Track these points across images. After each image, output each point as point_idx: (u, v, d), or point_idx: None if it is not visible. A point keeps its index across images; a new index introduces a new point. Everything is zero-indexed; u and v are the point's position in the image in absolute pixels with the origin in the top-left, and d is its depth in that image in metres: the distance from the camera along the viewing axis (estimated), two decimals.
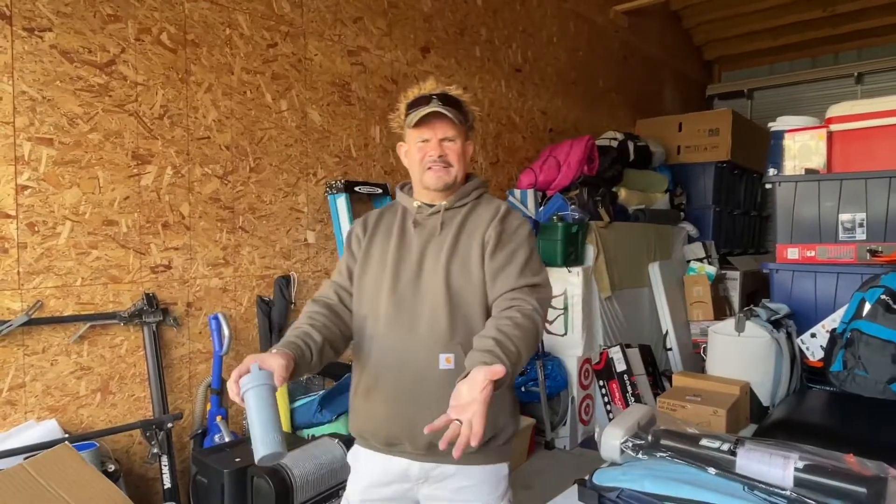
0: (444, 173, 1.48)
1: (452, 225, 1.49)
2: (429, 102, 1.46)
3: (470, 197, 1.53)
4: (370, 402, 1.49)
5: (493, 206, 1.53)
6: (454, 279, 1.43)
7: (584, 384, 3.77)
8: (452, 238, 1.47)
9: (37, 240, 2.23)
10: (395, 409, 1.44)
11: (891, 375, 2.26)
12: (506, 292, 1.40)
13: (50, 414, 2.27)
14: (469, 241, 1.47)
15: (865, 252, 2.77)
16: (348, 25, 3.28)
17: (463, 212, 1.52)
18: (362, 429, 1.53)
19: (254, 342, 2.89)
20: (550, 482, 3.15)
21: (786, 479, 1.36)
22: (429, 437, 1.33)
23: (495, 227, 1.46)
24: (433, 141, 1.47)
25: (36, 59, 2.20)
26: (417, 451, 1.44)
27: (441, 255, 1.45)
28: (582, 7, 5.22)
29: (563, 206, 3.92)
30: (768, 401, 2.71)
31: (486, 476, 1.47)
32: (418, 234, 1.50)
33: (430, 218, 1.51)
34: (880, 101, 2.88)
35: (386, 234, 1.55)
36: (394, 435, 1.45)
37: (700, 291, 4.61)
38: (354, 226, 1.63)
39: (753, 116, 6.86)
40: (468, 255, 1.45)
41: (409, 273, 1.47)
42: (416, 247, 1.49)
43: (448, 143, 1.48)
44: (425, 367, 1.42)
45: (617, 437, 1.57)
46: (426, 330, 1.42)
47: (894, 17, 6.08)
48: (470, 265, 1.45)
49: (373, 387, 1.48)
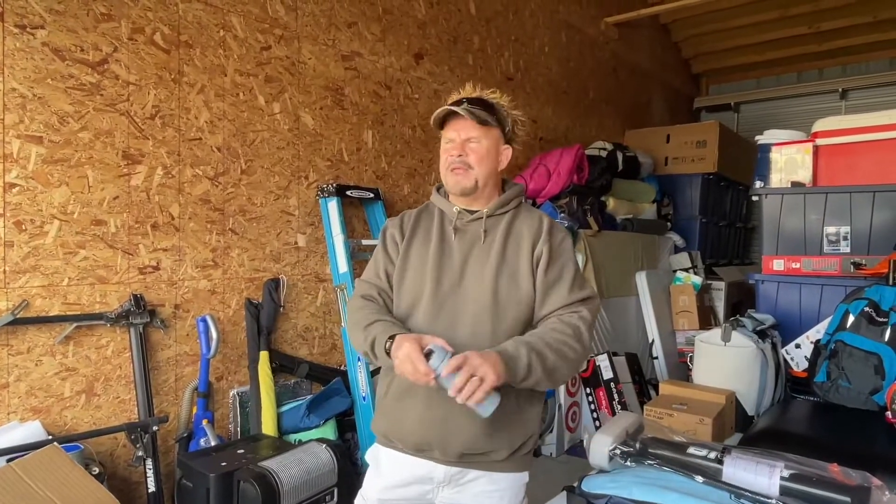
0: (462, 176, 1.46)
1: (496, 234, 1.48)
2: (459, 105, 1.46)
3: (510, 205, 1.53)
4: (402, 405, 1.47)
5: (536, 217, 1.53)
6: (502, 289, 1.42)
7: (571, 391, 3.78)
8: (499, 248, 1.46)
9: (24, 238, 2.20)
10: (430, 415, 1.42)
11: (873, 386, 2.31)
12: (558, 308, 1.43)
13: (34, 415, 2.23)
14: (517, 253, 1.46)
15: (849, 264, 2.82)
16: (342, 30, 3.28)
17: (505, 220, 1.50)
18: (390, 431, 1.50)
19: (241, 345, 2.87)
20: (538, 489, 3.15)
21: (771, 487, 1.38)
22: (460, 445, 1.39)
23: (546, 241, 1.47)
24: (457, 141, 1.46)
25: (27, 56, 2.18)
26: (447, 458, 1.43)
27: (488, 265, 1.44)
28: (574, 18, 5.27)
29: (552, 214, 3.94)
30: (753, 410, 2.75)
31: (510, 483, 1.48)
32: (459, 240, 1.49)
33: (472, 224, 1.50)
34: (865, 116, 2.94)
35: (425, 237, 1.52)
36: (425, 441, 1.44)
37: (686, 301, 4.66)
38: (389, 226, 1.60)
39: (740, 129, 6.96)
40: (517, 267, 1.45)
41: (451, 279, 1.45)
42: (457, 253, 1.48)
43: (472, 144, 1.46)
44: None
45: (606, 444, 1.59)
46: (467, 337, 1.41)
47: (878, 34, 6.21)
48: (519, 277, 1.44)
49: (407, 390, 1.45)
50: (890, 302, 2.38)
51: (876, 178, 2.82)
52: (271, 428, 2.70)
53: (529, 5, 4.73)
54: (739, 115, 7.40)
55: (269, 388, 2.76)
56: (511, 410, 1.42)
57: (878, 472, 1.44)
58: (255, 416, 2.75)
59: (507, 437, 1.43)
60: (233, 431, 2.81)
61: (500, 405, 1.37)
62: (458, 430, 1.40)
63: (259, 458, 2.26)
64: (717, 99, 7.66)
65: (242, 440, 2.62)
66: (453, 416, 1.39)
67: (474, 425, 1.39)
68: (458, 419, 1.39)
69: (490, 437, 1.41)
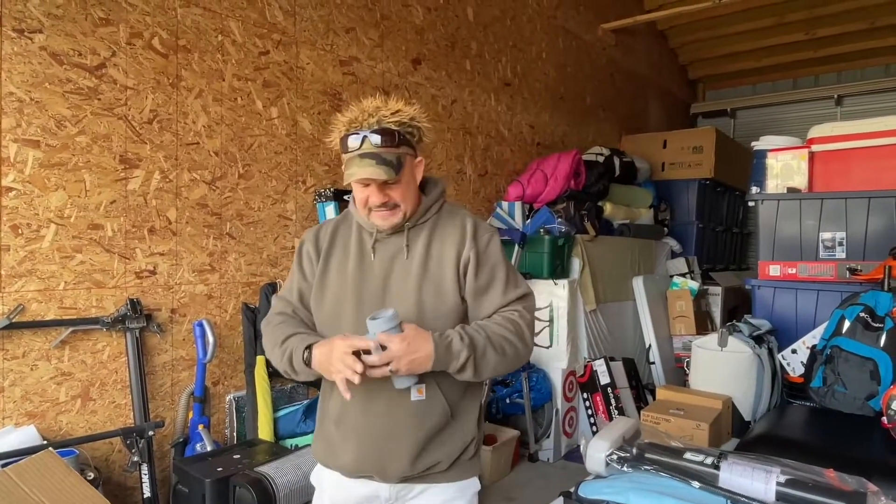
0: (391, 216, 1.37)
1: (418, 245, 1.40)
2: (361, 143, 1.32)
3: (432, 210, 1.44)
4: (338, 432, 1.42)
5: (458, 220, 1.44)
6: (427, 304, 1.36)
7: (569, 396, 3.78)
8: (421, 260, 1.39)
9: (20, 242, 2.20)
10: (365, 443, 1.38)
11: (869, 392, 2.31)
12: (495, 311, 1.39)
13: (29, 420, 2.23)
14: (440, 263, 1.39)
15: (845, 270, 2.83)
16: (340, 35, 3.29)
17: (427, 229, 1.43)
18: (327, 459, 1.46)
19: (238, 350, 2.86)
20: (534, 494, 3.15)
21: (768, 493, 1.38)
22: (398, 470, 1.37)
23: (472, 245, 1.39)
24: (373, 186, 1.34)
25: (25, 60, 2.19)
26: (388, 481, 1.40)
27: (410, 278, 1.38)
28: (571, 24, 5.30)
29: (549, 219, 3.95)
30: (750, 415, 2.75)
31: (458, 492, 1.43)
32: (380, 255, 1.41)
33: (393, 238, 1.42)
34: (860, 123, 2.96)
35: (343, 253, 1.44)
36: (363, 469, 1.40)
37: (683, 306, 4.66)
38: (305, 241, 1.50)
39: (736, 135, 6.99)
40: (441, 277, 1.38)
41: (373, 297, 1.38)
42: (378, 268, 1.40)
43: (391, 185, 1.35)
44: (395, 398, 1.35)
45: (602, 449, 1.59)
46: None
47: (873, 41, 6.25)
48: (444, 288, 1.38)
49: (340, 419, 1.41)
50: (885, 307, 2.39)
51: (871, 184, 2.84)
52: (267, 433, 2.69)
53: (527, 11, 4.76)
54: (736, 120, 7.44)
55: (265, 393, 2.75)
56: (444, 423, 1.39)
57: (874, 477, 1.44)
58: (251, 421, 2.74)
59: (445, 449, 1.39)
60: (229, 436, 2.80)
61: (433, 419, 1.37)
62: (395, 456, 1.36)
63: (255, 464, 2.25)
64: (713, 105, 7.70)
65: (238, 445, 2.61)
66: (389, 440, 1.36)
67: (410, 447, 1.36)
68: (394, 443, 1.36)
69: (427, 454, 1.38)
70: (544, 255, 3.68)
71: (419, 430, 1.37)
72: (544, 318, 3.78)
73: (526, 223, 4.05)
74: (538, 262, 3.70)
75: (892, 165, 2.84)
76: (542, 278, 3.72)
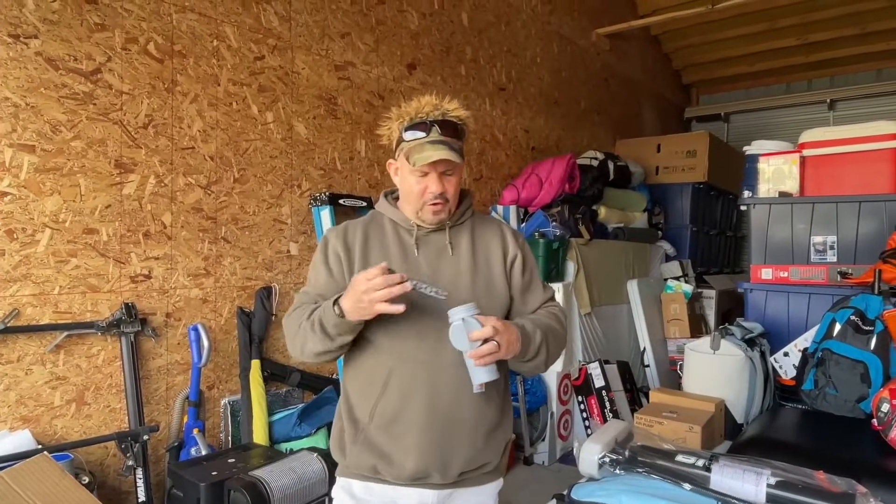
0: (442, 210, 1.39)
1: (462, 243, 1.44)
2: (429, 131, 1.35)
3: (468, 213, 1.49)
4: (392, 434, 1.35)
5: (495, 224, 1.53)
6: (480, 299, 1.36)
7: (564, 399, 3.79)
8: (468, 256, 1.42)
9: (15, 247, 2.20)
10: (429, 440, 1.34)
11: (860, 394, 2.33)
12: (538, 307, 1.47)
13: (23, 424, 2.22)
14: (488, 260, 1.44)
15: (836, 274, 2.86)
16: (336, 40, 3.31)
17: (467, 228, 1.47)
18: (380, 465, 1.36)
19: (233, 354, 2.87)
20: (529, 498, 3.15)
21: (758, 494, 1.40)
22: (461, 464, 1.36)
23: (515, 245, 1.48)
24: (433, 175, 1.36)
25: (20, 65, 2.19)
26: (447, 481, 1.36)
27: (461, 274, 1.40)
28: (565, 29, 5.33)
29: (544, 222, 3.97)
30: (742, 418, 2.77)
31: (492, 492, 1.48)
32: (424, 252, 1.41)
33: (434, 235, 1.43)
34: (850, 128, 2.99)
35: (381, 249, 1.42)
36: (423, 468, 1.34)
37: (677, 309, 4.69)
38: (330, 239, 1.45)
39: (730, 139, 7.03)
40: (491, 273, 1.43)
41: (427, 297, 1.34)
42: (424, 264, 1.40)
43: (448, 176, 1.38)
44: (459, 391, 1.34)
45: (595, 452, 1.60)
46: (456, 352, 1.31)
47: (865, 46, 6.31)
48: (494, 283, 1.42)
49: (397, 417, 1.35)
50: (876, 311, 2.41)
51: (861, 189, 2.87)
52: (263, 437, 2.69)
53: (521, 17, 4.78)
54: (729, 125, 7.48)
55: (260, 397, 2.76)
56: (497, 420, 1.43)
57: (863, 479, 1.46)
58: (246, 425, 2.75)
59: (496, 444, 1.44)
60: (224, 440, 2.80)
61: (490, 414, 1.39)
62: (459, 448, 1.36)
63: (250, 468, 2.25)
64: (707, 109, 7.74)
65: (233, 449, 2.61)
66: (453, 434, 1.35)
67: (474, 438, 1.37)
68: (459, 436, 1.35)
69: (486, 448, 1.40)
70: (539, 258, 3.70)
71: (481, 424, 1.39)
72: None
73: (521, 227, 4.07)
74: None
75: (882, 170, 2.86)
76: None
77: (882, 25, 5.92)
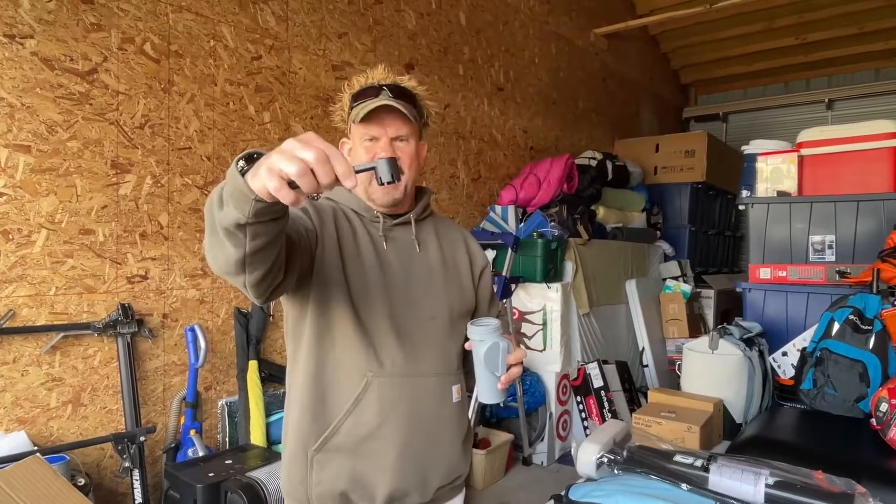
0: (392, 188, 1.22)
1: (430, 241, 1.33)
2: (377, 94, 1.21)
3: (428, 209, 1.37)
4: (365, 452, 1.20)
5: (455, 227, 1.44)
6: (454, 302, 1.30)
7: (562, 400, 3.79)
8: (437, 256, 1.32)
9: (10, 248, 2.19)
10: (408, 457, 1.22)
11: (858, 394, 2.33)
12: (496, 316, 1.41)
13: (19, 426, 2.21)
14: (455, 263, 1.35)
15: (835, 273, 2.85)
16: (333, 40, 3.30)
17: (430, 227, 1.36)
18: (351, 489, 1.20)
19: (230, 355, 2.86)
20: (528, 498, 3.15)
21: (757, 495, 1.39)
22: (440, 478, 1.28)
23: (480, 253, 1.42)
24: (383, 140, 1.21)
25: (16, 65, 2.18)
26: (424, 499, 1.26)
27: (434, 275, 1.29)
28: (563, 29, 5.33)
29: (542, 222, 3.96)
30: (741, 418, 2.76)
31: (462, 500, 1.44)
32: (393, 249, 1.27)
33: (400, 230, 1.29)
34: (848, 127, 2.98)
35: (351, 239, 1.24)
36: (402, 487, 1.22)
37: (675, 309, 4.68)
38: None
39: (728, 139, 7.03)
40: (459, 276, 1.35)
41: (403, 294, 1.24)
42: (396, 264, 1.26)
43: (401, 142, 1.23)
44: (440, 403, 1.27)
45: (593, 452, 1.60)
46: (436, 361, 1.26)
47: (863, 46, 6.31)
48: (463, 287, 1.35)
49: (373, 433, 1.20)
50: (874, 310, 2.41)
51: (860, 188, 2.86)
52: (260, 438, 2.68)
53: (519, 17, 4.78)
54: (728, 124, 7.49)
55: (257, 398, 2.75)
56: (468, 427, 1.39)
57: (862, 479, 1.45)
58: (243, 427, 2.74)
59: (468, 453, 1.39)
60: (221, 442, 2.79)
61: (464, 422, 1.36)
62: (439, 460, 1.28)
63: (247, 469, 2.25)
64: (705, 109, 7.75)
65: (231, 450, 2.61)
66: (434, 444, 1.26)
67: (453, 448, 1.31)
68: (439, 447, 1.28)
69: (462, 457, 1.34)
70: (537, 258, 3.69)
71: (458, 434, 1.32)
72: (538, 321, 3.79)
73: (519, 227, 4.06)
74: (531, 265, 3.71)
75: (880, 169, 2.86)
76: (536, 282, 3.73)
77: (880, 25, 5.92)
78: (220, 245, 0.91)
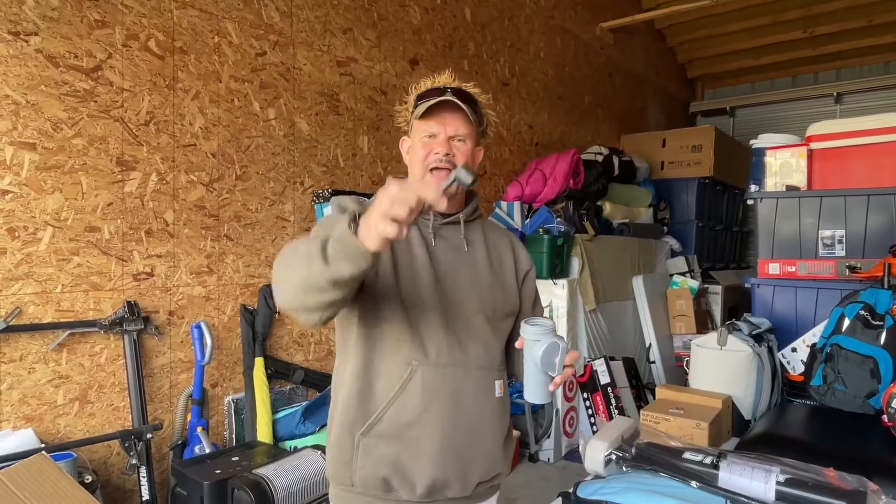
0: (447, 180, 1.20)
1: (477, 242, 1.35)
2: (442, 94, 1.27)
3: (478, 211, 1.40)
4: (407, 440, 1.22)
5: (500, 228, 1.46)
6: (498, 301, 1.32)
7: (569, 396, 3.77)
8: (486, 259, 1.34)
9: (17, 245, 2.20)
10: (450, 446, 1.23)
11: (869, 390, 2.30)
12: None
13: (26, 423, 2.22)
14: (502, 266, 1.37)
15: (845, 268, 2.82)
16: (337, 36, 3.29)
17: (479, 229, 1.38)
18: (392, 477, 1.23)
19: (237, 352, 2.86)
20: (534, 495, 3.14)
21: (767, 492, 1.37)
22: (481, 473, 1.29)
23: (526, 257, 1.43)
24: (441, 137, 1.26)
25: (21, 63, 2.18)
26: (464, 492, 1.27)
27: (480, 273, 1.32)
28: (569, 24, 5.29)
29: (548, 218, 3.94)
30: (750, 414, 2.74)
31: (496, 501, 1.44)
32: (442, 247, 1.30)
33: (449, 229, 1.32)
34: (858, 120, 2.95)
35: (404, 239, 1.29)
36: (442, 478, 1.23)
37: (683, 305, 4.65)
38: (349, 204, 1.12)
39: (735, 133, 6.98)
40: (505, 278, 1.36)
41: (451, 291, 1.27)
42: (444, 261, 1.29)
43: (458, 142, 1.27)
44: (482, 396, 1.28)
45: (601, 449, 1.58)
46: (480, 355, 1.28)
47: (871, 39, 6.25)
48: (508, 289, 1.37)
49: (415, 421, 1.22)
50: (885, 305, 2.38)
51: (870, 182, 2.83)
52: (266, 435, 2.68)
53: (524, 11, 4.75)
54: (735, 119, 7.44)
55: (264, 395, 2.75)
56: (509, 423, 1.39)
57: (874, 476, 1.43)
58: (249, 423, 2.74)
59: (509, 453, 1.39)
60: (227, 438, 2.80)
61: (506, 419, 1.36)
62: (481, 454, 1.29)
63: (254, 466, 2.25)
64: (712, 103, 7.69)
65: (237, 447, 2.61)
66: (476, 437, 1.27)
67: (494, 443, 1.32)
68: (481, 440, 1.29)
69: (503, 455, 1.35)
70: (543, 254, 3.67)
71: (500, 430, 1.33)
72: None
73: (525, 223, 4.05)
74: (537, 261, 3.69)
75: (890, 163, 2.82)
76: (542, 278, 3.71)
77: (889, 17, 5.86)
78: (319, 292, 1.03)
